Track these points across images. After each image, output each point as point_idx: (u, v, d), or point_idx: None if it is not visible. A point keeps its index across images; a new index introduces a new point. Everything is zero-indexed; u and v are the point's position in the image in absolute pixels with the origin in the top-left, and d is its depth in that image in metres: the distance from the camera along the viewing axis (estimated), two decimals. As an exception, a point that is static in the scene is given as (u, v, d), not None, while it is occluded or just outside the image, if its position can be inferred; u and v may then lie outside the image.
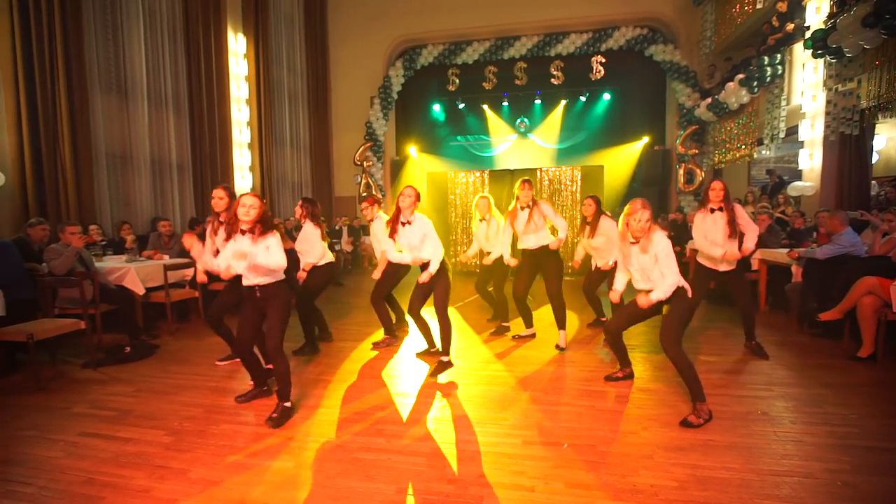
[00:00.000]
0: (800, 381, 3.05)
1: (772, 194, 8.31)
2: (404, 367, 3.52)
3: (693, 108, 9.80)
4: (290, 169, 10.55)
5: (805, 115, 6.78)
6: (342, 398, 2.90)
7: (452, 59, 11.65)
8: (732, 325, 4.51)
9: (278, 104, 10.01)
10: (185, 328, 4.87)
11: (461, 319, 5.05)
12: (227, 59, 8.23)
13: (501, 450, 2.21)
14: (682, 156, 10.10)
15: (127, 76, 6.32)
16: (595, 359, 3.58)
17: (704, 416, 2.44)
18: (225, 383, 3.23)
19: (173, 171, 7.13)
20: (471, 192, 8.48)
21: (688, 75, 10.01)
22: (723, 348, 3.80)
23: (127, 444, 2.36)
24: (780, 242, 5.30)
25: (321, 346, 4.05)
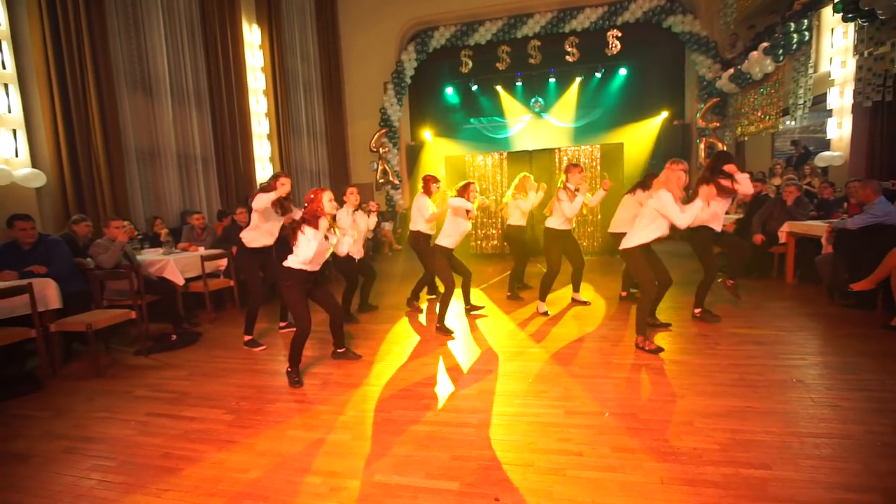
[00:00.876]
0: (834, 350, 3.08)
1: (797, 165, 8.14)
2: (440, 346, 3.64)
3: (714, 79, 9.56)
4: (307, 158, 10.67)
5: (834, 82, 6.60)
6: (385, 376, 3.04)
7: (465, 40, 11.52)
8: (762, 299, 4.52)
9: (294, 94, 10.08)
10: (223, 316, 5.08)
11: (487, 300, 5.14)
12: (244, 51, 8.30)
13: (546, 419, 2.31)
14: (703, 130, 9.91)
15: (150, 73, 6.46)
16: (624, 335, 3.65)
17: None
18: (271, 366, 3.40)
19: (198, 164, 7.30)
20: (489, 174, 8.49)
21: (708, 46, 9.74)
22: (753, 321, 3.82)
23: (192, 422, 2.53)
24: (808, 214, 5.25)
25: (353, 330, 4.21)
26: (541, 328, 3.95)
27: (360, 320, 4.54)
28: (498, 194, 8.46)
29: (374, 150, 11.72)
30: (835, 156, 6.51)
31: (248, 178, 8.42)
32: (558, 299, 4.92)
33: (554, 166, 8.19)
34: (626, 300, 4.68)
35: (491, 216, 8.53)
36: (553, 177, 8.16)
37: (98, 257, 4.13)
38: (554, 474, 1.88)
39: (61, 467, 2.17)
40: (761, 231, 5.36)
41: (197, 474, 2.04)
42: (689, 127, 10.46)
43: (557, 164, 8.17)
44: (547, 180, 8.26)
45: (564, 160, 8.15)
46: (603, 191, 4.41)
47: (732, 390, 2.52)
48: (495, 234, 8.53)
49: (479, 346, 3.57)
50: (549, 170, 8.23)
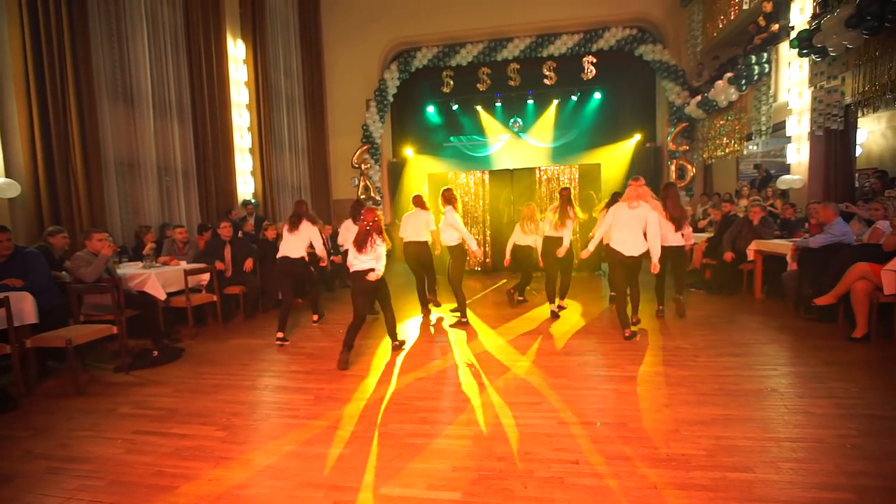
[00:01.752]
0: (802, 361, 3.29)
1: (760, 188, 8.65)
2: (430, 361, 3.68)
3: (683, 105, 10.11)
4: (289, 173, 10.62)
5: (792, 111, 7.09)
6: (378, 391, 3.05)
7: (447, 61, 11.82)
8: (734, 313, 4.76)
9: (276, 108, 10.07)
10: (204, 332, 4.97)
11: (474, 316, 5.22)
12: (227, 65, 8.29)
13: (541, 430, 2.39)
14: (673, 152, 10.42)
15: (133, 85, 6.37)
16: (612, 349, 3.78)
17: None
18: (261, 381, 3.36)
19: (178, 177, 7.18)
20: (472, 192, 8.65)
21: (677, 74, 10.32)
22: (728, 333, 4.03)
23: (183, 439, 2.49)
24: (773, 233, 5.59)
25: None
26: (527, 342, 4.04)
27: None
28: (480, 211, 8.61)
29: (356, 167, 11.77)
30: (794, 179, 6.96)
31: (229, 191, 8.32)
32: (541, 315, 5.04)
33: (534, 185, 8.43)
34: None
35: (475, 233, 8.66)
36: (533, 194, 8.40)
37: (79, 270, 4.02)
38: (553, 482, 1.95)
39: (47, 488, 2.09)
40: (731, 249, 5.66)
41: (194, 491, 2.01)
42: (660, 149, 10.97)
43: (537, 183, 8.41)
44: (528, 197, 8.50)
45: (544, 178, 8.40)
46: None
47: (713, 399, 2.66)
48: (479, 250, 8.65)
49: (469, 361, 3.62)
50: (529, 188, 8.46)
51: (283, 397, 3.02)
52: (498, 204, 8.63)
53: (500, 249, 8.54)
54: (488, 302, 6.06)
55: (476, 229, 8.64)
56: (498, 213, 8.63)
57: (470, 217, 8.69)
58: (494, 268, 8.59)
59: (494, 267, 8.59)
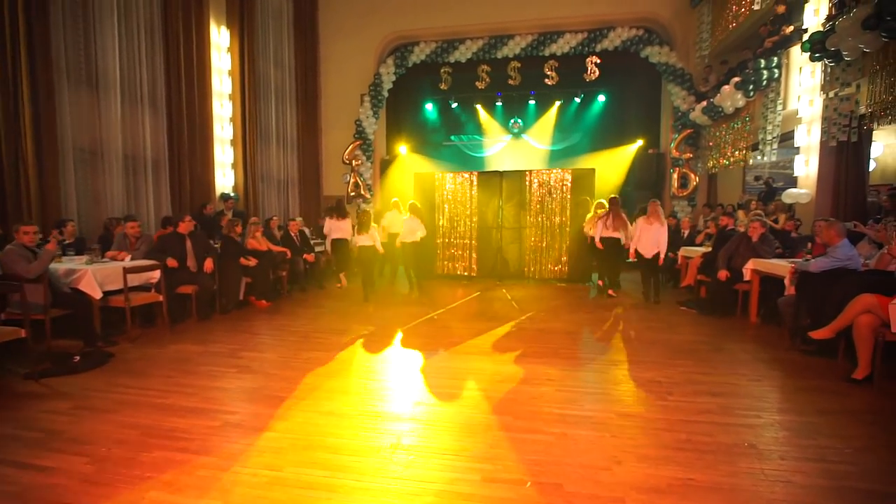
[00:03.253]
0: (792, 406, 2.84)
1: (765, 201, 8.12)
2: (368, 381, 3.28)
3: (688, 111, 9.61)
4: (276, 166, 10.29)
5: (801, 120, 6.59)
6: (293, 420, 2.66)
7: (445, 57, 11.41)
8: (723, 340, 4.30)
9: (264, 100, 9.74)
10: (149, 334, 4.61)
11: (443, 328, 4.81)
12: (209, 53, 7.97)
13: (458, 488, 1.97)
14: (677, 160, 9.91)
15: (98, 69, 6.05)
16: (577, 378, 3.36)
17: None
18: (173, 399, 2.99)
19: (148, 168, 6.86)
20: (459, 193, 8.24)
21: (683, 78, 9.81)
22: (711, 366, 3.58)
23: (42, 473, 2.11)
24: (773, 251, 5.11)
25: (284, 359, 3.84)
26: (482, 363, 3.63)
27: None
28: (469, 212, 8.18)
29: (347, 163, 11.42)
30: (801, 193, 6.46)
31: (206, 183, 8.00)
32: (517, 329, 4.63)
33: (525, 188, 7.99)
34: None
35: (460, 237, 8.24)
36: (524, 197, 7.95)
37: (17, 266, 3.69)
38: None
39: None
40: (726, 267, 5.20)
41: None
42: (663, 156, 10.47)
43: (527, 186, 7.97)
44: (518, 201, 8.06)
45: (535, 182, 7.96)
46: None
47: (677, 455, 2.23)
48: (464, 255, 8.25)
49: (410, 385, 3.22)
50: (520, 192, 8.04)
51: (184, 422, 2.64)
52: (485, 208, 8.22)
53: (487, 256, 8.13)
54: (465, 312, 5.64)
55: (460, 233, 8.22)
56: (485, 217, 8.21)
57: (453, 222, 8.26)
58: (480, 275, 8.16)
59: (480, 274, 8.16)
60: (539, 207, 7.91)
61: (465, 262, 8.24)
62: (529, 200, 7.93)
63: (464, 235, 8.20)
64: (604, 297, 6.58)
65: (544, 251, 7.93)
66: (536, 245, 7.95)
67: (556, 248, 7.90)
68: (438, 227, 8.30)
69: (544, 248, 7.92)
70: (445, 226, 8.29)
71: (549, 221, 7.89)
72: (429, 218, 8.24)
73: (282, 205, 10.54)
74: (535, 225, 7.94)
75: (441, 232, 8.32)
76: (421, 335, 4.55)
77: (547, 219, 7.89)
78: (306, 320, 5.23)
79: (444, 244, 8.32)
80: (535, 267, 7.99)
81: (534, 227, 7.95)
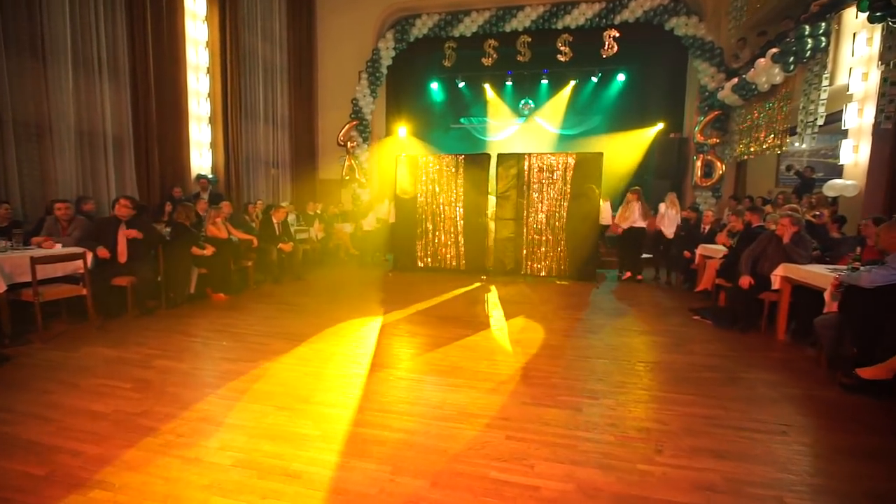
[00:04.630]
0: (827, 485, 2.03)
1: (799, 194, 7.06)
2: (276, 417, 2.62)
3: (716, 90, 8.53)
4: (264, 147, 9.68)
5: (852, 97, 5.56)
6: (149, 473, 2.02)
7: (449, 31, 10.52)
8: (742, 365, 3.47)
9: (250, 75, 9.09)
10: (74, 332, 4.07)
11: (404, 335, 4.12)
12: (182, 22, 7.34)
13: None
14: (701, 145, 8.86)
15: (45, 35, 5.47)
16: (535, 415, 2.62)
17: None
18: (19, 429, 2.39)
19: (108, 145, 6.31)
20: (444, 177, 7.42)
21: (713, 52, 8.70)
22: (722, 404, 2.78)
23: None
24: (809, 255, 4.19)
25: (195, 372, 3.21)
26: (436, 389, 2.92)
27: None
28: (454, 196, 7.39)
29: (342, 144, 10.73)
30: (847, 185, 5.47)
31: (180, 163, 7.45)
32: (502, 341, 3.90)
33: (522, 173, 7.12)
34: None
35: (444, 227, 7.47)
36: (521, 183, 7.11)
37: None
38: None
39: None
40: (750, 272, 4.31)
41: None
42: (686, 141, 9.42)
43: (526, 171, 7.10)
44: (515, 188, 7.20)
45: (535, 167, 7.10)
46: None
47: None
48: (447, 246, 7.49)
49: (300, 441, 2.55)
50: (517, 177, 7.18)
51: (5, 465, 2.03)
52: (474, 195, 7.35)
53: (474, 248, 7.38)
54: (438, 313, 4.92)
55: (445, 222, 7.46)
56: (474, 205, 7.35)
57: (437, 209, 7.49)
58: (468, 268, 7.40)
59: (469, 268, 7.40)
60: (539, 195, 7.06)
61: (450, 254, 7.48)
62: (527, 187, 7.08)
63: (448, 226, 7.43)
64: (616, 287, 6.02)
65: (548, 245, 7.09)
66: (534, 238, 7.12)
67: (558, 242, 7.06)
68: (421, 215, 7.54)
69: (544, 242, 7.10)
70: (428, 213, 7.53)
71: (553, 211, 7.02)
72: (410, 205, 7.54)
73: (270, 189, 9.96)
74: (533, 215, 7.09)
75: (422, 220, 7.56)
76: (370, 345, 3.87)
77: (549, 208, 7.04)
78: (256, 319, 4.62)
79: (425, 233, 7.57)
80: (535, 263, 7.17)
81: (532, 217, 7.10)
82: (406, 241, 7.58)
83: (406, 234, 7.56)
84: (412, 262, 7.58)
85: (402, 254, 7.65)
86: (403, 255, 7.63)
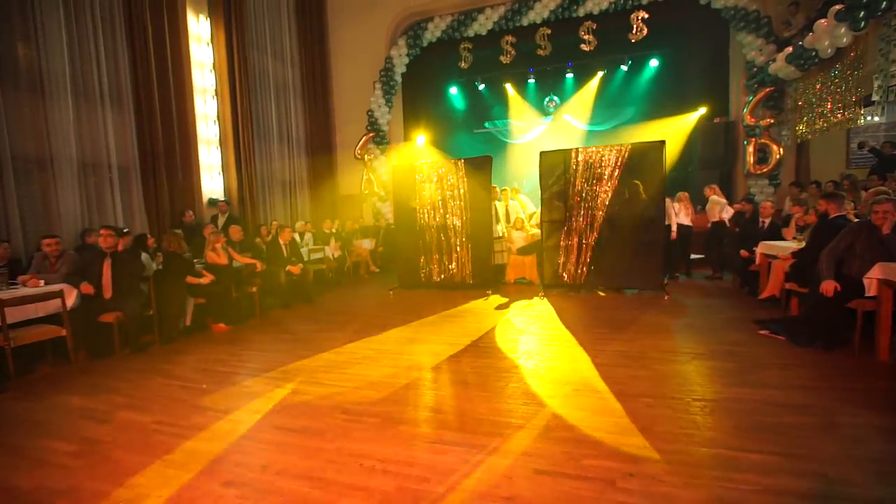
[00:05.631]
0: None
1: (880, 174, 5.91)
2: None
3: (766, 64, 7.50)
4: (279, 167, 9.49)
5: (948, 51, 4.51)
6: None
7: (463, 31, 10.03)
8: (832, 400, 2.62)
9: (262, 95, 8.95)
10: (53, 376, 3.77)
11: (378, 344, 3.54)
12: (187, 46, 7.23)
13: None
14: (752, 128, 7.82)
15: (42, 68, 5.39)
16: (574, 491, 1.94)
17: None
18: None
19: (114, 175, 6.19)
20: (445, 185, 6.77)
21: (759, 23, 7.68)
22: (822, 469, 1.99)
23: None
24: (915, 251, 3.26)
25: (156, 426, 2.74)
26: (432, 440, 2.31)
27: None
28: (457, 204, 6.72)
29: (359, 158, 10.41)
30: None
31: (190, 189, 7.29)
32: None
33: (571, 170, 6.14)
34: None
35: (446, 238, 6.84)
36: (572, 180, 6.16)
37: None
38: None
39: None
40: (835, 276, 3.43)
41: None
42: (733, 125, 8.37)
43: (575, 168, 6.10)
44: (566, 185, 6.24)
45: (586, 162, 6.11)
46: None
47: None
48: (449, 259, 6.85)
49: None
50: (568, 174, 6.21)
51: None
52: (480, 201, 6.65)
53: (480, 260, 6.66)
54: (451, 334, 4.31)
55: (447, 235, 6.83)
56: (481, 212, 6.64)
57: (433, 221, 6.88)
58: (477, 282, 6.70)
59: (477, 282, 6.70)
60: (592, 194, 6.05)
61: (455, 267, 6.82)
62: (587, 183, 6.08)
63: (451, 237, 6.77)
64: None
65: (603, 251, 6.08)
66: (586, 244, 6.15)
67: (615, 247, 6.03)
68: (422, 227, 6.95)
69: (601, 247, 6.07)
70: (429, 225, 6.92)
71: (609, 212, 6.00)
72: (410, 217, 6.98)
73: (288, 209, 9.74)
74: (583, 217, 6.13)
75: (423, 232, 6.94)
76: (368, 384, 3.30)
77: (604, 208, 6.01)
78: (251, 353, 4.18)
79: (427, 247, 6.95)
80: (588, 271, 6.19)
81: (583, 219, 6.14)
82: (409, 256, 7.04)
83: (408, 247, 7.04)
84: (415, 278, 7.02)
85: (406, 270, 7.10)
86: (407, 270, 7.09)
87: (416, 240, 6.94)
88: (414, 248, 6.96)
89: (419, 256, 6.94)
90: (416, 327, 4.78)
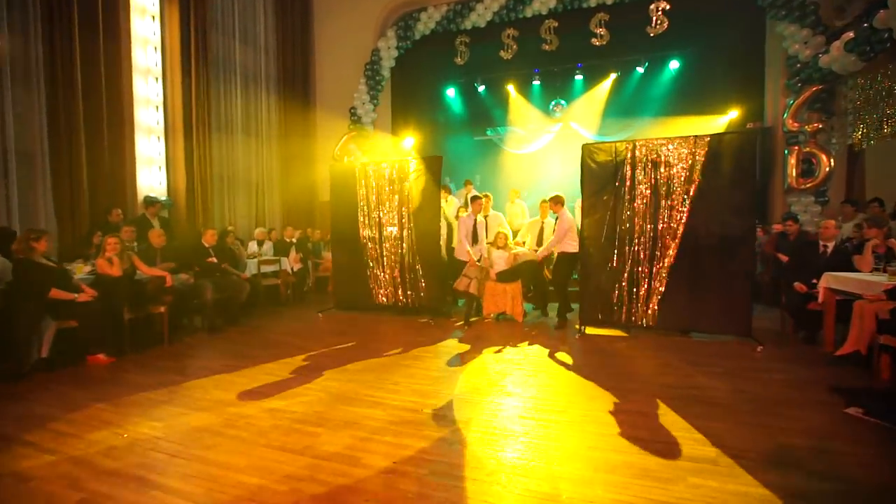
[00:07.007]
0: None
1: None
2: None
3: (813, 58, 6.24)
4: (243, 165, 8.35)
5: None
6: None
7: (459, 23, 8.94)
8: None
9: (224, 83, 7.87)
10: None
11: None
12: (128, 17, 6.17)
13: None
14: (794, 134, 6.53)
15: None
16: None
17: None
18: None
19: (10, 162, 5.06)
20: (391, 188, 5.62)
21: (804, 11, 6.45)
22: None
23: None
24: None
25: None
26: None
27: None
28: (401, 213, 5.55)
29: (338, 159, 9.25)
30: None
31: (121, 182, 6.15)
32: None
33: (625, 170, 4.63)
34: None
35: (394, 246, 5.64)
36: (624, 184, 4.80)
37: None
38: None
39: None
40: None
41: None
42: (771, 131, 7.08)
43: (629, 168, 4.57)
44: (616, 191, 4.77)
45: (644, 160, 4.79)
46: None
47: None
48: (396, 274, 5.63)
49: None
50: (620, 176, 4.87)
51: None
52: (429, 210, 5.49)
53: (431, 280, 5.49)
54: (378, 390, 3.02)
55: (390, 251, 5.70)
56: (429, 223, 5.56)
57: (375, 232, 5.81)
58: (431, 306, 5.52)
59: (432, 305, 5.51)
60: (649, 202, 4.49)
61: (397, 288, 5.60)
62: (655, 191, 4.50)
63: (394, 252, 5.59)
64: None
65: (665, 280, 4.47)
66: (640, 271, 4.56)
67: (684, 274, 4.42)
68: (362, 239, 5.88)
69: (660, 275, 4.47)
70: (371, 236, 5.79)
71: (671, 226, 4.44)
72: (349, 226, 5.85)
73: (253, 213, 8.58)
74: (635, 233, 4.58)
75: (365, 246, 5.85)
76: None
77: (666, 222, 4.45)
78: (107, 404, 2.92)
79: (366, 263, 5.84)
80: (645, 306, 4.58)
81: (634, 236, 4.58)
82: (347, 271, 5.95)
83: (346, 261, 5.99)
84: (353, 298, 5.95)
85: (344, 288, 5.94)
86: (346, 289, 5.93)
87: (354, 254, 5.84)
88: (351, 263, 5.90)
89: (358, 272, 5.85)
90: (350, 376, 3.48)
